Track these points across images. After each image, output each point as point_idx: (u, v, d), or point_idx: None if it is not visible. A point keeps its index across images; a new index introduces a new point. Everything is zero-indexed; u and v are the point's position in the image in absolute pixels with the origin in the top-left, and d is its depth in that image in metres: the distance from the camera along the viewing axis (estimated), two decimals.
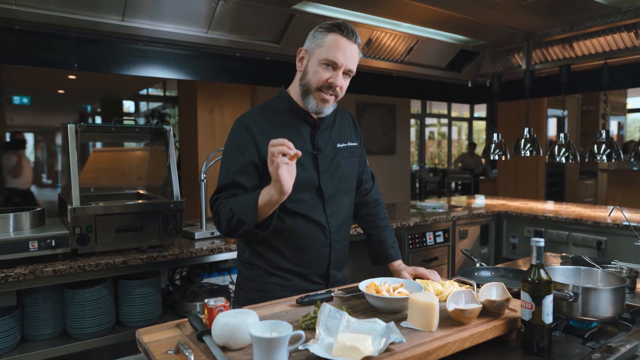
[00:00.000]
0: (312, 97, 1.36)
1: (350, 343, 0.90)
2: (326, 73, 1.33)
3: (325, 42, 1.33)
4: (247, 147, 1.36)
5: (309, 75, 1.36)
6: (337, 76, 1.33)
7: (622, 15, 2.77)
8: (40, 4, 2.13)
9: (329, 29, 1.34)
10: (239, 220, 1.26)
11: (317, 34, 1.36)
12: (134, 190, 2.45)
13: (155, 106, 10.02)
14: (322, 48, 1.33)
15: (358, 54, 1.38)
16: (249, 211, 1.25)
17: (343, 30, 1.33)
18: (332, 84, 1.34)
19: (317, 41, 1.35)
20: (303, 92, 1.38)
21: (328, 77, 1.33)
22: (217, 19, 2.54)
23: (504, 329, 1.11)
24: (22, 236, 1.68)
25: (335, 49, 1.32)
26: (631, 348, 1.07)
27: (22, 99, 9.23)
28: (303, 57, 1.39)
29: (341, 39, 1.33)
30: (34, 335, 1.77)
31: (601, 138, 3.06)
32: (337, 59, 1.32)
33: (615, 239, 2.73)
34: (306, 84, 1.36)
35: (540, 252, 1.08)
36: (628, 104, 9.46)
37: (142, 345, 1.03)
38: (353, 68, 1.36)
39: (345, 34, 1.33)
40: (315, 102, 1.36)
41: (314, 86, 1.35)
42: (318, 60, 1.34)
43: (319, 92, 1.35)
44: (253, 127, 1.37)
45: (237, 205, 1.28)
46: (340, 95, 1.39)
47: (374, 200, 1.64)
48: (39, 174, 15.46)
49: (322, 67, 1.33)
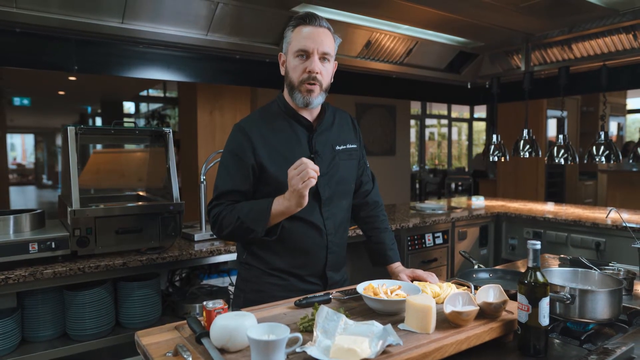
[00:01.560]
0: (298, 91, 1.38)
1: (347, 345, 0.91)
2: (302, 64, 1.36)
3: (292, 36, 1.38)
4: (244, 153, 1.37)
5: (290, 72, 1.39)
6: (312, 62, 1.35)
7: (620, 17, 2.78)
8: (41, 7, 2.14)
9: (294, 25, 1.39)
10: (248, 228, 1.32)
11: (286, 33, 1.41)
12: (134, 192, 2.45)
13: (155, 107, 10.04)
14: (292, 43, 1.38)
15: (331, 37, 1.40)
16: (260, 220, 1.32)
17: (306, 20, 1.37)
18: (311, 71, 1.35)
19: (287, 39, 1.40)
20: (290, 91, 1.41)
21: (305, 67, 1.36)
22: (217, 21, 2.55)
23: (500, 331, 1.12)
24: (22, 238, 1.69)
25: (303, 38, 1.35)
26: (627, 350, 1.07)
27: (22, 100, 9.25)
28: (284, 61, 1.43)
29: (305, 27, 1.36)
30: (34, 337, 1.78)
31: (600, 139, 3.07)
32: (307, 45, 1.35)
33: (614, 240, 2.74)
34: (290, 82, 1.40)
35: (537, 254, 1.09)
36: (628, 105, 9.46)
37: (141, 347, 1.03)
38: (328, 50, 1.38)
39: (308, 22, 1.36)
40: (302, 94, 1.38)
41: (297, 80, 1.37)
42: (292, 55, 1.37)
43: (302, 85, 1.37)
44: (251, 133, 1.39)
45: (246, 213, 1.34)
46: (325, 83, 1.40)
47: (374, 202, 1.64)
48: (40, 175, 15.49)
49: (297, 60, 1.37)
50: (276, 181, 1.36)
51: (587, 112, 7.88)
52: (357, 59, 3.19)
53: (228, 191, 1.39)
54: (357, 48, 3.12)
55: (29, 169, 16.48)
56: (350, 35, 2.99)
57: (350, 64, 3.19)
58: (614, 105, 8.57)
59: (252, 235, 1.33)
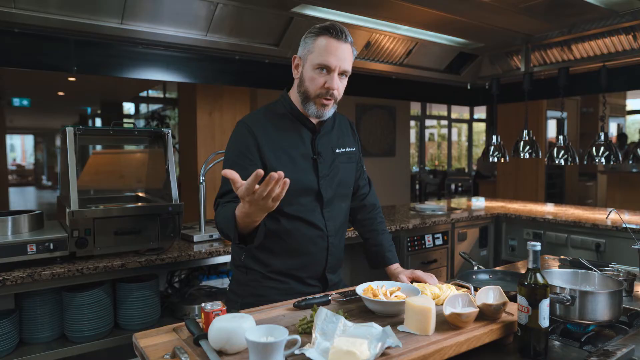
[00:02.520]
0: (312, 103, 1.36)
1: (346, 347, 0.91)
2: (321, 78, 1.33)
3: (315, 46, 1.33)
4: (250, 152, 1.35)
5: (306, 83, 1.36)
6: (332, 79, 1.33)
7: (620, 18, 2.78)
8: (40, 7, 2.14)
9: (317, 33, 1.34)
10: (227, 235, 1.27)
11: (308, 39, 1.36)
12: (133, 193, 2.45)
13: (155, 108, 10.03)
14: (313, 53, 1.33)
15: (351, 53, 1.37)
16: (230, 227, 1.21)
17: (332, 32, 1.32)
18: (329, 88, 1.33)
19: (308, 47, 1.35)
20: (303, 99, 1.38)
21: (324, 82, 1.33)
22: (217, 22, 2.54)
23: (500, 333, 1.11)
24: (20, 239, 1.68)
25: (327, 53, 1.31)
26: (628, 352, 1.07)
27: (21, 101, 9.24)
28: (298, 64, 1.39)
29: (331, 41, 1.32)
30: (32, 338, 1.77)
31: (600, 140, 3.07)
32: (330, 62, 1.32)
33: (614, 241, 2.73)
34: (305, 91, 1.37)
35: (537, 256, 1.08)
36: (627, 106, 9.47)
37: (139, 349, 1.03)
38: (348, 68, 1.36)
39: (335, 36, 1.32)
40: (316, 107, 1.36)
41: (313, 93, 1.35)
42: (312, 66, 1.34)
43: (318, 98, 1.35)
44: (255, 130, 1.37)
45: (221, 219, 1.27)
46: (339, 97, 1.39)
47: (371, 204, 1.64)
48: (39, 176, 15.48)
49: (317, 72, 1.33)
50: None
51: (586, 113, 7.89)
52: (357, 59, 3.19)
53: (230, 190, 1.32)
54: (357, 49, 3.10)
55: (29, 169, 16.49)
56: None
57: None
58: (613, 106, 8.58)
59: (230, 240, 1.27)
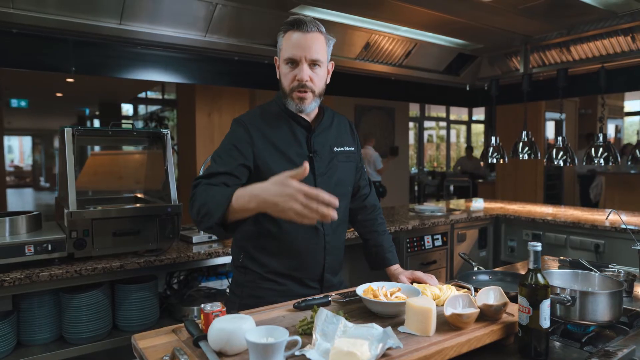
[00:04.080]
0: (290, 98, 1.36)
1: (346, 348, 0.90)
2: (291, 73, 1.34)
3: (282, 43, 1.36)
4: (244, 147, 1.34)
5: (282, 79, 1.38)
6: (301, 70, 1.32)
7: (618, 19, 2.78)
8: (38, 7, 2.13)
9: (284, 30, 1.35)
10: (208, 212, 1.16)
11: (278, 38, 1.38)
12: (132, 194, 2.44)
13: (153, 109, 10.02)
14: (282, 50, 1.36)
15: (322, 41, 1.35)
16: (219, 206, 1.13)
17: (294, 25, 1.33)
18: (300, 80, 1.33)
19: (279, 45, 1.37)
20: (283, 97, 1.39)
21: (294, 75, 1.33)
22: (216, 23, 2.54)
23: (501, 334, 1.11)
24: (18, 240, 1.67)
25: (290, 46, 1.33)
26: (629, 352, 1.06)
27: (20, 102, 9.22)
28: (277, 66, 1.41)
29: (293, 33, 1.33)
30: (29, 340, 1.76)
31: (598, 141, 3.07)
32: (294, 54, 1.32)
33: (613, 242, 2.73)
34: (283, 89, 1.38)
35: (538, 256, 1.08)
36: (625, 107, 9.50)
37: (138, 350, 1.02)
38: (317, 57, 1.33)
39: (297, 27, 1.33)
40: (294, 102, 1.36)
41: (287, 88, 1.36)
42: (283, 62, 1.36)
43: (293, 92, 1.35)
44: (251, 127, 1.37)
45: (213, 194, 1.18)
46: (317, 89, 1.37)
47: (372, 205, 1.64)
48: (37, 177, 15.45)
49: (287, 67, 1.35)
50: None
51: (585, 114, 7.91)
52: (356, 60, 3.19)
53: (220, 172, 1.27)
54: (356, 50, 3.12)
55: (27, 171, 16.45)
56: (349, 37, 2.99)
57: (349, 66, 3.18)
58: (612, 107, 8.61)
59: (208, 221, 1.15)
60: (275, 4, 2.56)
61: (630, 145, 7.30)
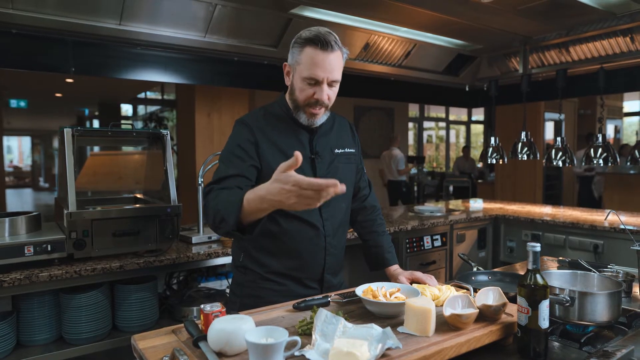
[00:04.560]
0: (302, 112, 1.36)
1: (346, 349, 0.90)
2: (310, 90, 1.32)
3: (302, 58, 1.30)
4: (250, 148, 1.35)
5: (296, 92, 1.35)
6: (321, 91, 1.32)
7: (617, 20, 2.79)
8: (38, 8, 2.14)
9: (303, 44, 1.30)
10: (222, 218, 1.16)
11: (295, 49, 1.33)
12: (131, 195, 2.44)
13: (153, 109, 10.01)
14: (301, 65, 1.31)
15: (341, 59, 1.34)
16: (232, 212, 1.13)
17: (317, 43, 1.28)
18: (318, 100, 1.33)
19: (295, 57, 1.32)
20: (294, 107, 1.38)
21: (313, 93, 1.32)
22: (215, 23, 2.54)
23: (500, 334, 1.11)
24: (17, 241, 1.67)
25: (314, 66, 1.28)
26: (627, 352, 1.07)
27: (19, 102, 9.21)
28: (289, 72, 1.38)
29: (317, 53, 1.28)
30: (29, 340, 1.76)
31: (598, 142, 3.08)
32: (317, 75, 1.29)
33: (611, 242, 2.74)
34: (295, 100, 1.37)
35: (537, 256, 1.08)
36: (624, 108, 9.51)
37: (138, 351, 1.02)
38: (337, 77, 1.33)
39: (321, 47, 1.28)
40: (306, 116, 1.37)
41: (302, 103, 1.35)
42: (300, 78, 1.32)
43: (307, 107, 1.35)
44: (254, 128, 1.37)
45: (224, 200, 1.18)
46: (330, 104, 1.38)
47: (372, 206, 1.65)
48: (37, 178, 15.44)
49: (305, 84, 1.32)
50: None
51: (584, 115, 7.92)
52: (355, 61, 3.19)
53: (230, 175, 1.28)
54: (356, 50, 3.12)
55: (26, 171, 16.43)
56: (349, 37, 2.99)
57: (348, 66, 3.19)
58: (611, 108, 8.62)
59: (225, 227, 1.16)
60: (274, 5, 2.57)
61: (629, 146, 7.31)
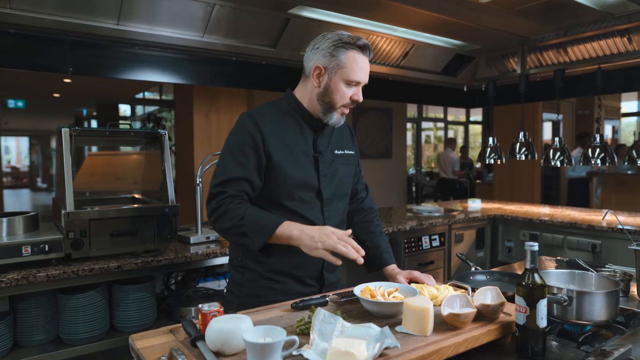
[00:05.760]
0: (336, 112, 1.40)
1: (344, 348, 0.90)
2: (350, 91, 1.38)
3: (347, 61, 1.34)
4: (255, 143, 1.34)
5: (334, 94, 1.37)
6: (359, 92, 1.39)
7: (615, 20, 2.80)
8: (36, 8, 2.13)
9: (346, 47, 1.34)
10: (246, 235, 1.28)
11: (335, 51, 1.34)
12: (129, 195, 2.44)
13: (151, 110, 10.00)
14: (345, 68, 1.34)
15: None
16: (261, 235, 1.27)
17: (362, 48, 1.36)
18: (357, 101, 1.39)
19: (336, 60, 1.34)
20: (326, 109, 1.39)
21: (352, 95, 1.38)
22: (213, 23, 2.54)
23: (498, 333, 1.11)
24: (15, 241, 1.67)
25: (359, 69, 1.35)
26: (625, 352, 1.07)
27: (17, 103, 9.18)
28: (320, 74, 1.38)
29: (362, 57, 1.36)
30: (26, 341, 1.75)
31: (595, 142, 3.08)
32: (361, 77, 1.37)
33: (609, 242, 2.74)
34: (329, 102, 1.38)
35: (534, 256, 1.08)
36: (622, 108, 9.54)
37: (135, 351, 1.02)
38: None
39: (365, 52, 1.36)
40: (338, 116, 1.41)
41: (338, 103, 1.38)
42: (342, 80, 1.36)
43: (342, 108, 1.40)
44: (261, 122, 1.37)
45: (252, 220, 1.27)
46: None
47: (369, 207, 1.66)
48: (34, 178, 15.40)
49: (345, 85, 1.37)
50: (280, 173, 1.34)
51: (582, 115, 7.94)
52: None
53: (238, 178, 1.32)
54: None
55: (24, 172, 16.38)
56: None
57: None
58: (608, 108, 8.64)
59: (246, 243, 1.29)
60: (273, 5, 2.57)
61: (626, 147, 7.33)
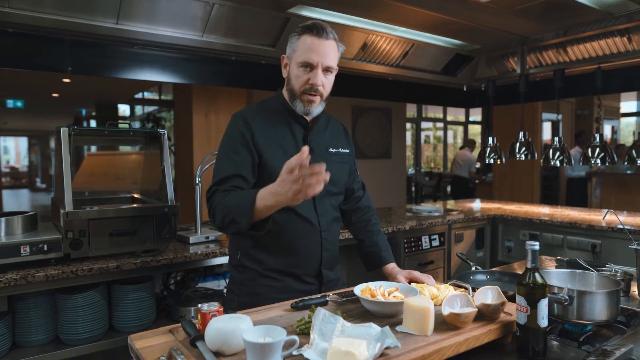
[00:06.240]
0: (299, 100, 1.40)
1: (344, 348, 0.90)
2: (305, 75, 1.37)
3: (299, 45, 1.37)
4: (247, 141, 1.37)
5: (292, 80, 1.40)
6: (315, 75, 1.36)
7: (614, 20, 2.79)
8: (34, 7, 2.12)
9: (300, 32, 1.38)
10: (234, 220, 1.25)
11: (292, 38, 1.40)
12: (129, 194, 2.43)
13: (150, 110, 9.99)
14: (297, 52, 1.37)
15: (335, 49, 1.40)
16: (244, 213, 1.22)
17: (313, 30, 1.36)
18: (313, 84, 1.37)
19: (292, 46, 1.39)
20: (290, 97, 1.42)
21: (307, 79, 1.37)
22: (213, 23, 2.53)
23: (499, 333, 1.11)
24: (13, 241, 1.66)
25: (309, 50, 1.35)
26: (626, 351, 1.07)
27: (15, 103, 9.16)
28: (286, 64, 1.43)
29: (313, 39, 1.35)
30: (25, 341, 1.75)
31: (595, 142, 3.08)
32: (312, 59, 1.35)
33: (609, 242, 2.74)
34: (291, 89, 1.41)
35: (535, 255, 1.08)
36: (621, 108, 9.54)
37: (135, 351, 1.01)
38: (331, 64, 1.39)
39: (316, 33, 1.36)
40: (302, 104, 1.40)
41: (298, 90, 1.39)
42: (296, 64, 1.38)
43: (304, 95, 1.39)
44: (251, 121, 1.40)
45: (234, 203, 1.26)
46: (326, 93, 1.42)
47: (366, 206, 1.66)
48: (33, 178, 15.38)
49: (301, 70, 1.37)
50: (271, 171, 1.35)
51: (581, 115, 7.94)
52: (353, 61, 3.19)
53: (231, 175, 1.34)
54: (353, 50, 3.12)
55: (22, 172, 16.36)
56: (346, 37, 2.99)
57: (346, 66, 3.18)
58: (608, 108, 8.65)
59: (237, 228, 1.25)
60: (272, 4, 2.56)
61: (625, 147, 7.33)
